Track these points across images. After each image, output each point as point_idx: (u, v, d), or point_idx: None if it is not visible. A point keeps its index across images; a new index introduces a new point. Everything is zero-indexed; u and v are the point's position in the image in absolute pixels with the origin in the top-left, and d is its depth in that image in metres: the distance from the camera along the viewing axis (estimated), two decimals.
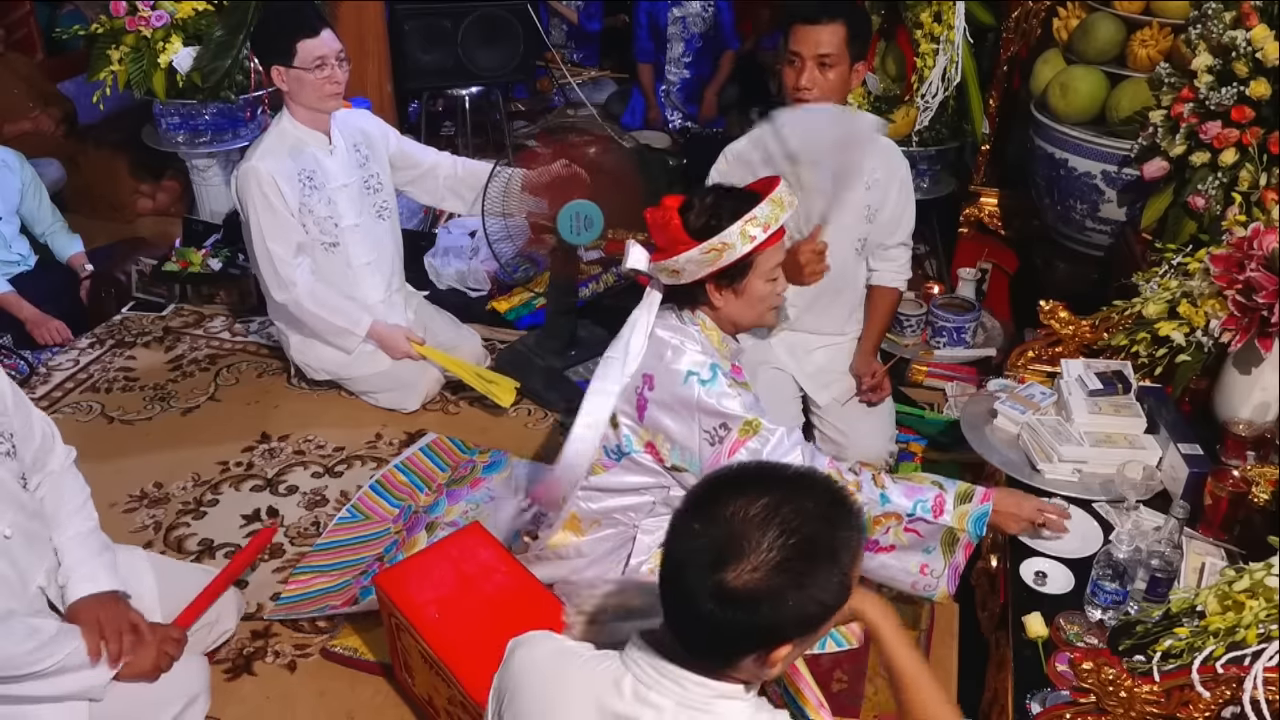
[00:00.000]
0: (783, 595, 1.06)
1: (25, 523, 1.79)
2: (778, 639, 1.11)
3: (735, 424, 1.86)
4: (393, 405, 3.04)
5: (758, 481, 1.12)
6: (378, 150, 3.04)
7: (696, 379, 1.88)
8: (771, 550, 1.06)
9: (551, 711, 1.22)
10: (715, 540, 1.08)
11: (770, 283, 1.91)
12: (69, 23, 4.90)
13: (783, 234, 1.90)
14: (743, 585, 1.06)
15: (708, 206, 1.85)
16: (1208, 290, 2.18)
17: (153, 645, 1.85)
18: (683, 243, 1.83)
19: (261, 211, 2.81)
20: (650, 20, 4.86)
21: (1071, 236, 3.13)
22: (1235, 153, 2.50)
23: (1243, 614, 1.52)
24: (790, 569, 1.06)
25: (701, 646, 1.14)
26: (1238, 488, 1.89)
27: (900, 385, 3.05)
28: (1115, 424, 2.13)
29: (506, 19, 4.27)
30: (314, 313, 2.91)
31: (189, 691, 1.93)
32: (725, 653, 1.13)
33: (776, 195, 1.84)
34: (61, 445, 1.97)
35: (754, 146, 2.52)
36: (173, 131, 3.71)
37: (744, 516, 1.08)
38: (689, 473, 1.95)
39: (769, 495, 1.09)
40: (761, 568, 1.06)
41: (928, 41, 3.27)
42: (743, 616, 1.07)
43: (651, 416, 1.94)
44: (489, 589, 1.96)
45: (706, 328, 1.95)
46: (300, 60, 2.75)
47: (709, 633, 1.10)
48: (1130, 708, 1.52)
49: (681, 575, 1.11)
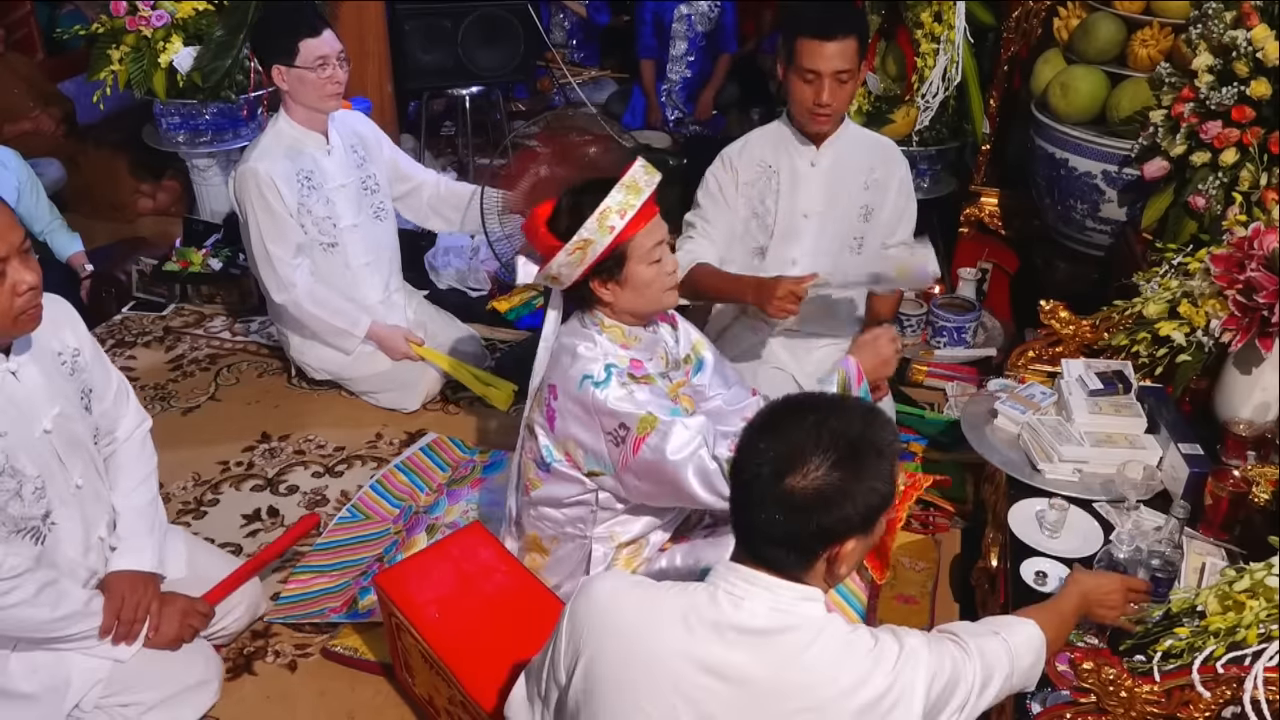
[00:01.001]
0: (842, 490, 1.19)
1: (93, 477, 1.91)
2: (843, 533, 1.22)
3: (633, 422, 1.85)
4: (393, 405, 3.04)
5: (806, 405, 1.27)
6: (374, 152, 3.04)
7: (590, 381, 1.87)
8: (826, 454, 1.19)
9: (645, 629, 1.29)
10: (779, 454, 1.21)
11: (653, 265, 1.89)
12: (69, 22, 4.90)
13: (652, 213, 1.88)
14: (807, 485, 1.19)
15: (568, 207, 1.85)
16: (1208, 290, 2.18)
17: (176, 617, 1.97)
18: (552, 248, 1.84)
19: (260, 212, 2.81)
20: (655, 17, 4.87)
21: (1072, 236, 3.13)
22: (1236, 152, 2.50)
23: (1243, 614, 1.53)
24: (844, 467, 1.20)
25: (778, 554, 1.24)
26: (1238, 488, 1.89)
27: (900, 385, 3.05)
28: (1116, 424, 2.13)
29: (507, 19, 4.27)
30: (313, 313, 2.91)
31: (204, 674, 2.02)
32: (798, 556, 1.24)
33: (628, 180, 1.83)
34: (135, 410, 2.09)
35: (745, 150, 2.54)
36: (173, 131, 3.71)
37: (798, 431, 1.22)
38: (606, 476, 1.94)
39: (815, 413, 1.24)
40: (820, 468, 1.19)
41: (928, 41, 3.26)
42: (810, 516, 1.20)
43: (561, 425, 1.94)
44: (489, 589, 1.96)
45: (606, 326, 1.93)
46: (302, 60, 2.75)
47: (783, 538, 1.22)
48: (1130, 707, 1.52)
49: (751, 489, 1.23)
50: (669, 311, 2.10)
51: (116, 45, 3.51)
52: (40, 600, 1.76)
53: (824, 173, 2.55)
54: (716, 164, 2.60)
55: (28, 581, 1.74)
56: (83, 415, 1.89)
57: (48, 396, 1.79)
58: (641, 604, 1.32)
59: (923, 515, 2.58)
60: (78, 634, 1.84)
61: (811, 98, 2.38)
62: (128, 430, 2.06)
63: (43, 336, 1.82)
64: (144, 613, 1.92)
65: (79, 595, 1.84)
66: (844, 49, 2.32)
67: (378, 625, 2.16)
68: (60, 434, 1.81)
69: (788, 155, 2.55)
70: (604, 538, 2.04)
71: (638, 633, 1.29)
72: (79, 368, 1.90)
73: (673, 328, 2.12)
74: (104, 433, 1.99)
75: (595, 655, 1.32)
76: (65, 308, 1.91)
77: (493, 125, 4.58)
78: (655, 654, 1.27)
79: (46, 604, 1.77)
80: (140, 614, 1.92)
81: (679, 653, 1.26)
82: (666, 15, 4.83)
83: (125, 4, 3.46)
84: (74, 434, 1.85)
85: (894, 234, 2.65)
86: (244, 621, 2.23)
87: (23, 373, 1.76)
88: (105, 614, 1.87)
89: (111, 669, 1.89)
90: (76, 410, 1.87)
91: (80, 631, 1.84)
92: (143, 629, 1.92)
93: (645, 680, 1.27)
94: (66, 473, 1.83)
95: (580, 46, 5.64)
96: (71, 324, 1.91)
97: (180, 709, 1.98)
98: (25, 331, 1.74)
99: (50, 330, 1.84)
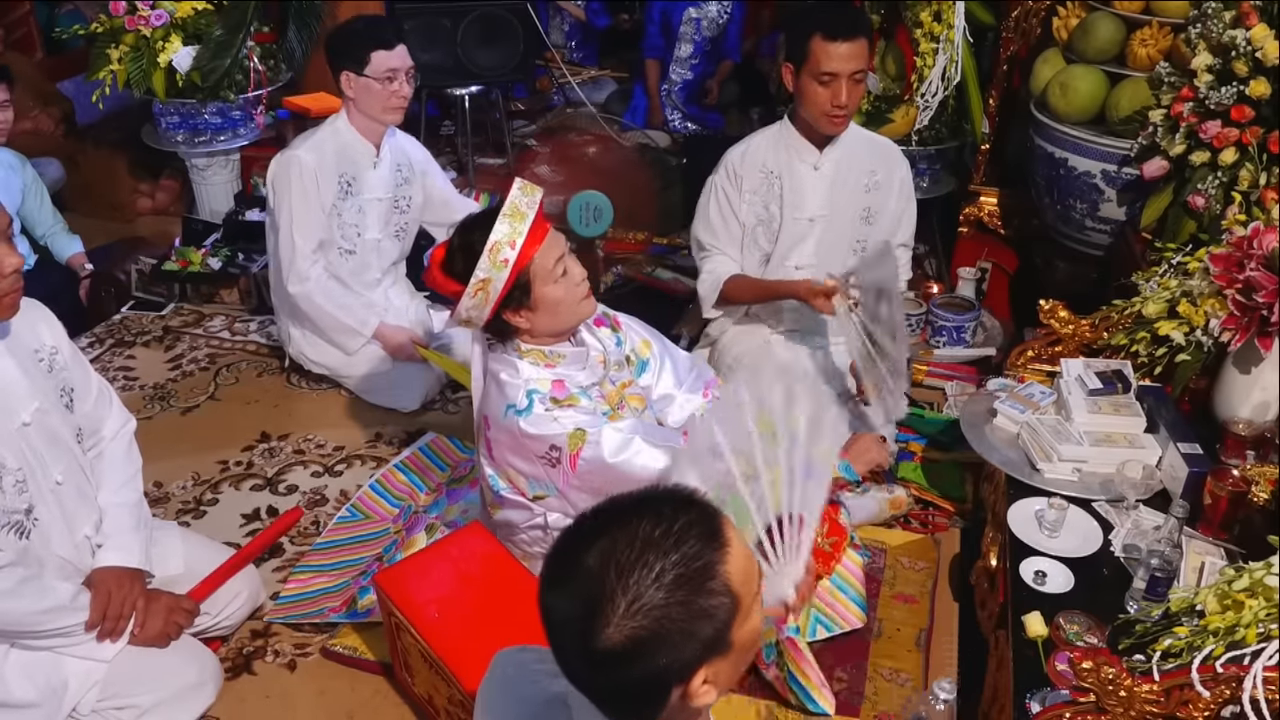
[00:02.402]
0: (669, 628, 0.95)
1: (76, 475, 1.91)
2: (688, 671, 0.99)
3: (563, 441, 1.85)
4: (393, 405, 3.04)
5: (594, 529, 1.00)
6: (416, 175, 3.08)
7: (514, 410, 1.87)
8: (631, 589, 0.94)
9: None
10: (574, 608, 0.97)
11: (558, 281, 1.86)
12: (68, 22, 4.90)
13: (544, 232, 1.84)
14: (616, 636, 0.95)
15: (460, 246, 1.83)
16: (1207, 289, 2.18)
17: (161, 614, 1.96)
18: (455, 292, 1.83)
19: (296, 200, 2.84)
20: (663, 17, 4.87)
21: (1071, 236, 3.13)
22: (1235, 152, 2.50)
23: (1242, 613, 1.53)
24: (666, 592, 0.95)
25: (620, 711, 1.04)
26: (1237, 487, 1.89)
27: None
28: (1115, 423, 2.13)
29: (506, 18, 4.26)
30: (323, 308, 2.94)
31: (200, 676, 2.02)
32: (643, 709, 1.02)
33: (510, 208, 1.80)
34: (120, 411, 2.09)
35: (748, 156, 2.54)
36: (172, 131, 3.71)
37: (591, 569, 0.96)
38: (551, 497, 1.95)
39: (605, 537, 0.98)
40: (630, 609, 0.94)
41: (928, 41, 3.26)
42: (637, 668, 0.96)
43: (498, 454, 1.95)
44: (489, 588, 1.96)
45: (524, 352, 1.92)
46: (372, 70, 2.78)
47: (616, 698, 1.02)
48: (1130, 707, 1.52)
49: (564, 657, 1.01)
50: (611, 315, 2.10)
51: (116, 45, 3.51)
52: (23, 593, 1.76)
53: (827, 177, 2.55)
54: (720, 174, 2.59)
55: (9, 575, 1.74)
56: (63, 413, 1.89)
57: (26, 391, 1.80)
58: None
59: (922, 515, 2.58)
60: (64, 628, 1.84)
61: (829, 100, 2.36)
62: (113, 430, 2.06)
63: (20, 333, 1.83)
64: (130, 609, 1.93)
65: (65, 590, 1.84)
66: (858, 49, 2.32)
67: (377, 625, 2.16)
68: (39, 429, 1.81)
69: (790, 160, 2.54)
70: None
71: None
72: (57, 366, 1.90)
73: (614, 329, 2.12)
74: (88, 433, 2.00)
75: None
76: (42, 309, 1.92)
77: (492, 125, 4.58)
78: None
79: (29, 596, 1.77)
80: (126, 610, 1.92)
81: None
82: (675, 16, 4.84)
83: (124, 3, 3.46)
84: (54, 430, 1.85)
85: (894, 235, 2.65)
86: (245, 611, 2.23)
87: (0, 365, 1.77)
88: (92, 610, 1.87)
89: (107, 671, 1.89)
90: (56, 407, 1.87)
91: (67, 626, 1.84)
92: (128, 625, 1.93)
93: None
94: (47, 468, 1.83)
95: (579, 47, 5.64)
96: (49, 324, 1.92)
97: (176, 711, 1.97)
98: (3, 318, 1.75)
99: (27, 328, 1.85)
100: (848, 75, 2.33)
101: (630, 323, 2.18)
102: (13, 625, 1.79)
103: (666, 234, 4.01)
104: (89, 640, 1.88)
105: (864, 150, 2.59)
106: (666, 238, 3.98)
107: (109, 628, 1.90)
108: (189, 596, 2.06)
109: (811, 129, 2.50)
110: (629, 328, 2.16)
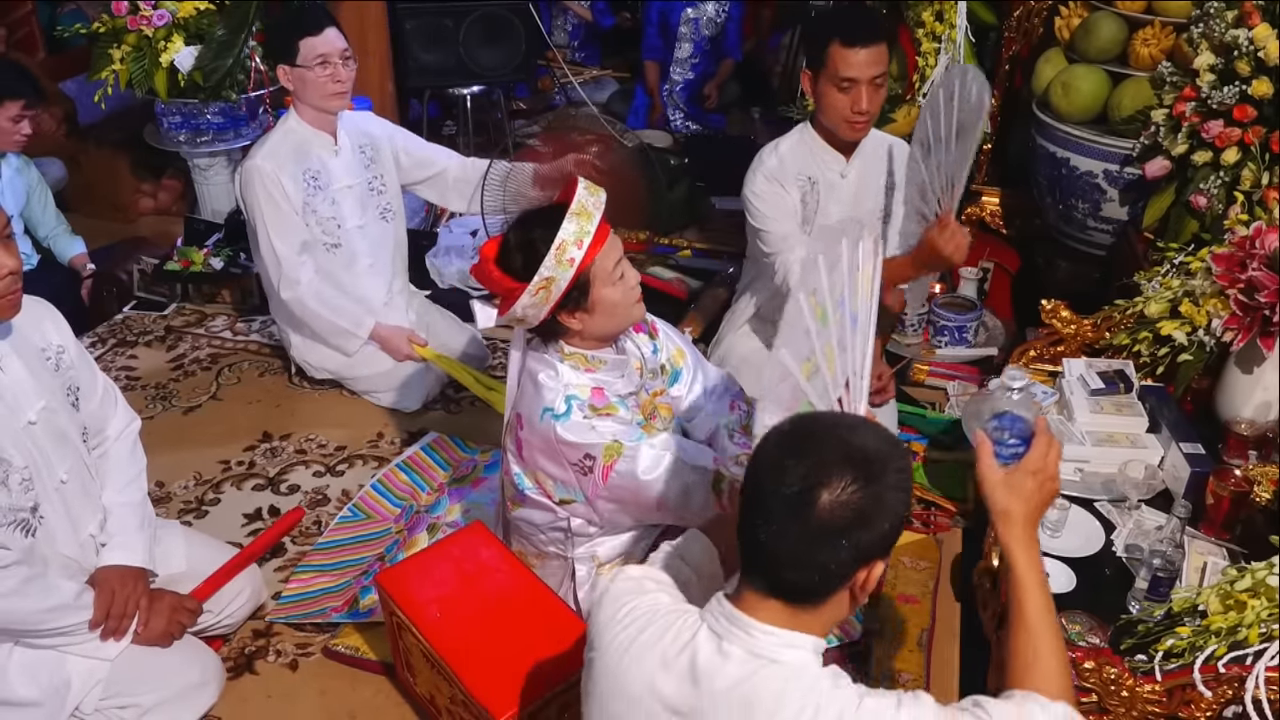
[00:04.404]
0: (878, 504, 1.14)
1: (82, 473, 1.92)
2: (874, 554, 1.17)
3: (598, 451, 1.83)
4: (394, 404, 3.04)
5: (826, 421, 1.25)
6: (383, 153, 3.04)
7: (551, 415, 1.85)
8: (857, 468, 1.14)
9: (629, 659, 1.25)
10: (807, 470, 1.14)
11: (617, 284, 1.84)
12: (70, 22, 4.89)
13: (606, 234, 1.82)
14: (843, 501, 1.13)
15: (519, 244, 1.79)
16: (1210, 289, 2.19)
17: (165, 613, 1.97)
18: (511, 289, 1.78)
19: (266, 209, 2.81)
20: (662, 18, 4.87)
21: (1073, 235, 3.13)
22: (1237, 152, 2.50)
23: (1244, 613, 1.53)
24: (876, 482, 1.14)
25: (802, 580, 1.17)
26: (1240, 487, 1.89)
27: (902, 385, 3.04)
28: (1117, 423, 2.13)
29: (508, 18, 4.27)
30: (317, 312, 2.91)
31: (203, 676, 2.03)
32: (824, 582, 1.17)
33: (577, 206, 1.77)
34: (125, 410, 2.10)
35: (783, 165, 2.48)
36: (174, 131, 3.71)
37: (824, 447, 1.16)
38: (578, 504, 1.93)
39: (837, 430, 1.19)
40: (854, 484, 1.13)
41: (929, 40, 3.27)
42: (843, 536, 1.13)
43: (529, 455, 1.93)
44: (491, 588, 1.96)
45: (567, 354, 1.89)
46: (303, 58, 2.75)
47: (809, 563, 1.15)
48: (1132, 707, 1.52)
49: (771, 509, 1.16)
50: (649, 320, 2.08)
51: (118, 45, 3.51)
52: (28, 591, 1.76)
53: (852, 183, 2.54)
54: (760, 182, 2.49)
55: (14, 573, 1.74)
56: (70, 412, 1.90)
57: (33, 389, 1.81)
58: (632, 627, 1.27)
59: (924, 514, 2.58)
60: (68, 627, 1.84)
61: (849, 105, 2.34)
62: (118, 429, 2.07)
63: (26, 332, 1.84)
64: (133, 607, 1.93)
65: (69, 588, 1.84)
66: (878, 54, 2.30)
67: (379, 625, 2.17)
68: (46, 427, 1.82)
69: (820, 167, 2.52)
70: (585, 558, 2.05)
71: (620, 662, 1.25)
72: (64, 364, 1.91)
73: (651, 336, 2.09)
74: (94, 432, 2.00)
75: (592, 669, 1.30)
76: (49, 308, 1.93)
77: (494, 124, 4.58)
78: (630, 691, 1.23)
79: (34, 595, 1.77)
80: (130, 609, 1.92)
81: (651, 690, 1.21)
82: (673, 17, 4.84)
83: (126, 3, 3.46)
84: (60, 429, 1.86)
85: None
86: (248, 609, 2.24)
87: (5, 364, 1.78)
88: (96, 608, 1.88)
89: (110, 670, 1.90)
90: (63, 406, 1.87)
91: (70, 625, 1.84)
92: (132, 624, 1.93)
93: (625, 713, 1.25)
94: (52, 467, 1.83)
95: (581, 46, 5.65)
96: (55, 323, 1.92)
97: (179, 711, 1.98)
98: (4, 318, 1.75)
99: (34, 326, 1.86)
100: (867, 80, 2.30)
101: (667, 330, 2.14)
102: (17, 623, 1.79)
103: (668, 234, 4.01)
104: (92, 639, 1.89)
105: (881, 152, 2.59)
106: (668, 237, 3.99)
107: (112, 626, 1.90)
108: (192, 596, 2.07)
109: (833, 135, 2.47)
110: (666, 335, 2.13)
